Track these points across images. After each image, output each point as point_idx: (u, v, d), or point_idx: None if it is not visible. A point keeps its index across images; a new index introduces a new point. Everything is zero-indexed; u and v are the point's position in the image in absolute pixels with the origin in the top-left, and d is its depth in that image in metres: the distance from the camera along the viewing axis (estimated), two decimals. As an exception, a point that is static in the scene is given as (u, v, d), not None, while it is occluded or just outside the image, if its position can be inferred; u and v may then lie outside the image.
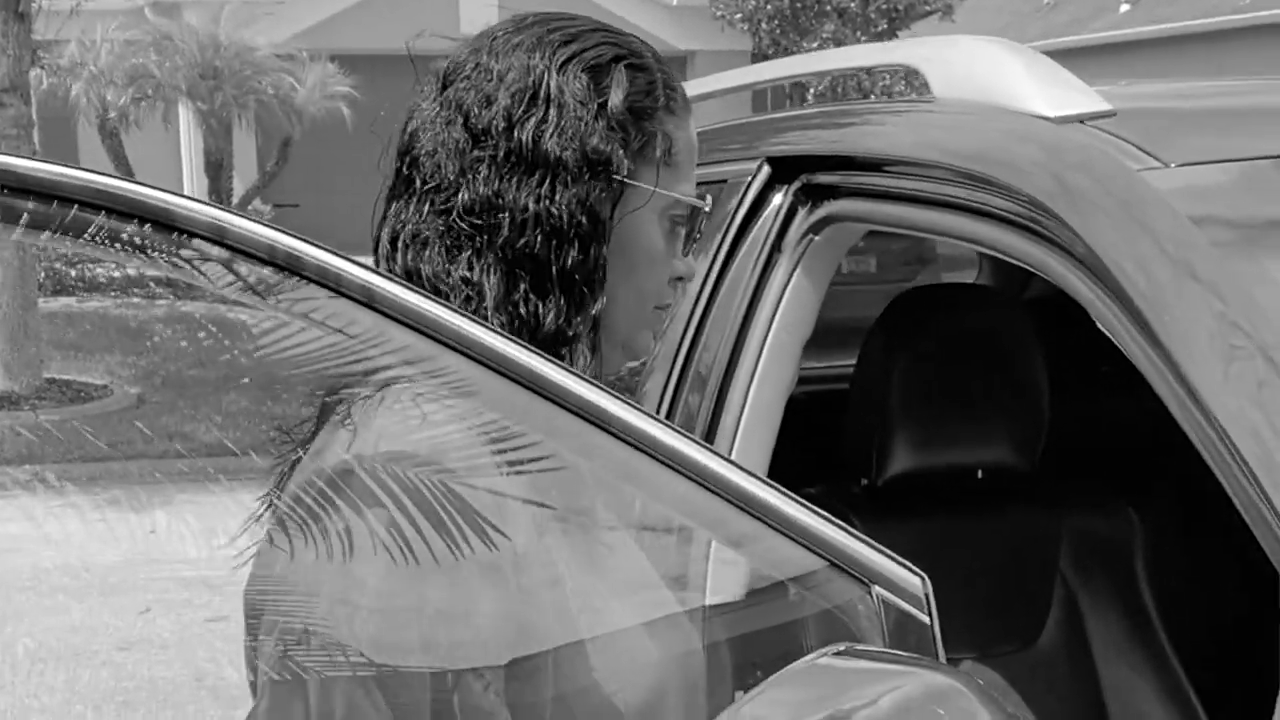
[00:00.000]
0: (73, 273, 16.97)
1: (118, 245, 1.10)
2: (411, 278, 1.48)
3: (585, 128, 1.48)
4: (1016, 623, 2.60)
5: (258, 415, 11.17)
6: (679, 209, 1.56)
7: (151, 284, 16.95)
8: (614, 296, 1.53)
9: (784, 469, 2.70)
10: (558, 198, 1.47)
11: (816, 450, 2.67)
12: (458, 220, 1.48)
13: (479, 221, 1.47)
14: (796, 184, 2.29)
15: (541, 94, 1.48)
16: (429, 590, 1.30)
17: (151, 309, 16.22)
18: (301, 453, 1.43)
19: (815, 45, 21.53)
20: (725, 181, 2.42)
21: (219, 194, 17.57)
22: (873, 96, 20.87)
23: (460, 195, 1.48)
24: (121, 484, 9.49)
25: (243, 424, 11.03)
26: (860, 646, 1.19)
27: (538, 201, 1.46)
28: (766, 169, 2.34)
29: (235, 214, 1.15)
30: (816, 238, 2.26)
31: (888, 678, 1.16)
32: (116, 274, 17.65)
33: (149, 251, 1.11)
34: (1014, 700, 2.45)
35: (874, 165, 2.15)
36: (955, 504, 2.58)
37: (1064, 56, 2.04)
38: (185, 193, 1.16)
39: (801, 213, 2.28)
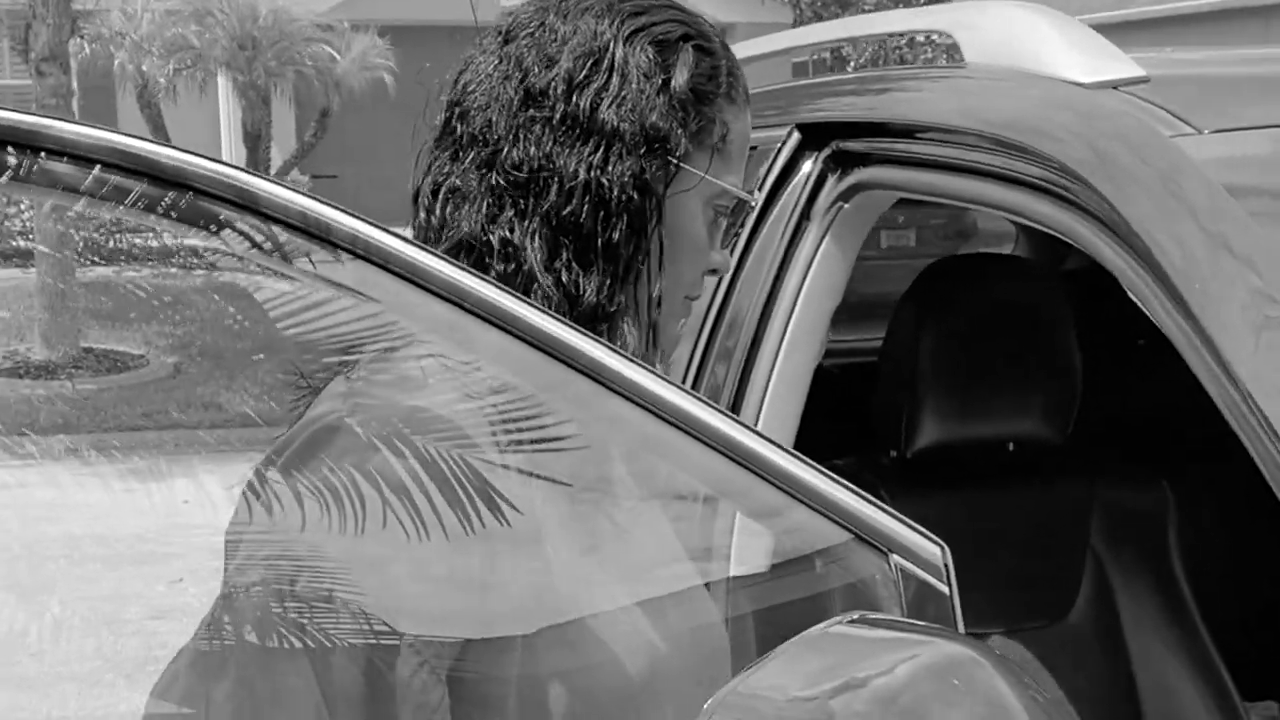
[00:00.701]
0: (111, 242, 17.02)
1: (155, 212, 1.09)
2: (447, 231, 1.46)
3: (646, 102, 1.45)
4: (1046, 597, 2.58)
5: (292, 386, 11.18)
6: (724, 199, 1.53)
7: (189, 253, 16.98)
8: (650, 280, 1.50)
9: (818, 440, 2.69)
10: (610, 169, 1.43)
11: (853, 421, 2.65)
12: (502, 178, 1.45)
13: (525, 182, 1.44)
14: (827, 151, 2.26)
15: (605, 61, 1.46)
16: (387, 555, 1.28)
17: (189, 279, 16.25)
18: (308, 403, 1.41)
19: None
20: (755, 148, 2.39)
21: (257, 164, 17.59)
22: (913, 71, 20.75)
23: (509, 153, 1.45)
24: (156, 453, 9.52)
25: (277, 394, 11.04)
26: (874, 615, 1.17)
27: (589, 170, 1.43)
28: (797, 135, 2.31)
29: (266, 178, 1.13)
30: (846, 205, 2.23)
31: (902, 646, 1.14)
32: (155, 243, 17.72)
33: (182, 219, 1.10)
34: (1036, 675, 2.43)
35: (905, 132, 2.12)
36: (985, 476, 2.56)
37: (1108, 31, 1.99)
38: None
39: (831, 180, 2.25)
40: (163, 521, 7.54)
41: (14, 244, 15.98)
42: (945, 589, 1.26)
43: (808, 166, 2.28)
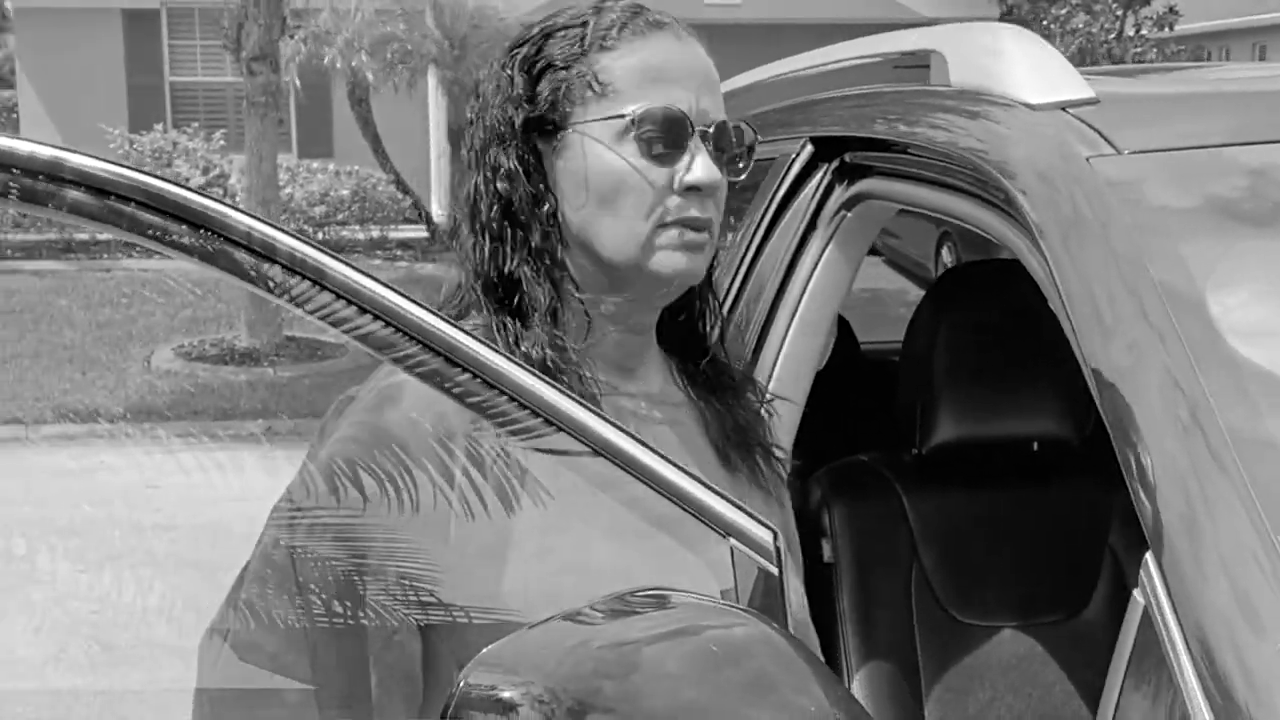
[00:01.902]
0: (320, 234, 17.49)
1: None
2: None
3: (490, 113, 1.71)
4: (1062, 592, 2.63)
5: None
6: (647, 125, 1.65)
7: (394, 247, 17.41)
8: (596, 230, 1.68)
9: (851, 435, 2.81)
10: (485, 168, 1.71)
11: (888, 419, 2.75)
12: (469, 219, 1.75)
13: (470, 214, 1.74)
14: (836, 162, 2.39)
15: (481, 99, 1.74)
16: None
17: (392, 270, 16.69)
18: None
19: (1064, 12, 21.16)
20: (774, 159, 2.52)
21: (460, 161, 17.93)
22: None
23: (465, 195, 1.75)
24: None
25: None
26: (658, 588, 1.29)
27: (476, 184, 1.73)
28: (810, 148, 2.44)
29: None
30: (849, 214, 2.36)
31: (710, 617, 1.27)
32: (361, 235, 18.17)
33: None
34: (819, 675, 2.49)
35: (901, 147, 2.23)
36: (1002, 474, 2.63)
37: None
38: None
39: (838, 189, 2.37)
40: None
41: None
42: (775, 570, 1.39)
43: (818, 177, 2.40)
